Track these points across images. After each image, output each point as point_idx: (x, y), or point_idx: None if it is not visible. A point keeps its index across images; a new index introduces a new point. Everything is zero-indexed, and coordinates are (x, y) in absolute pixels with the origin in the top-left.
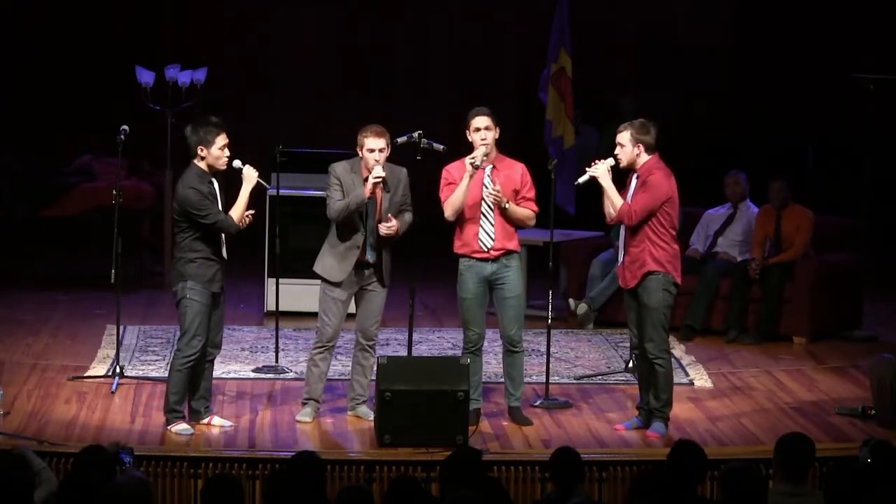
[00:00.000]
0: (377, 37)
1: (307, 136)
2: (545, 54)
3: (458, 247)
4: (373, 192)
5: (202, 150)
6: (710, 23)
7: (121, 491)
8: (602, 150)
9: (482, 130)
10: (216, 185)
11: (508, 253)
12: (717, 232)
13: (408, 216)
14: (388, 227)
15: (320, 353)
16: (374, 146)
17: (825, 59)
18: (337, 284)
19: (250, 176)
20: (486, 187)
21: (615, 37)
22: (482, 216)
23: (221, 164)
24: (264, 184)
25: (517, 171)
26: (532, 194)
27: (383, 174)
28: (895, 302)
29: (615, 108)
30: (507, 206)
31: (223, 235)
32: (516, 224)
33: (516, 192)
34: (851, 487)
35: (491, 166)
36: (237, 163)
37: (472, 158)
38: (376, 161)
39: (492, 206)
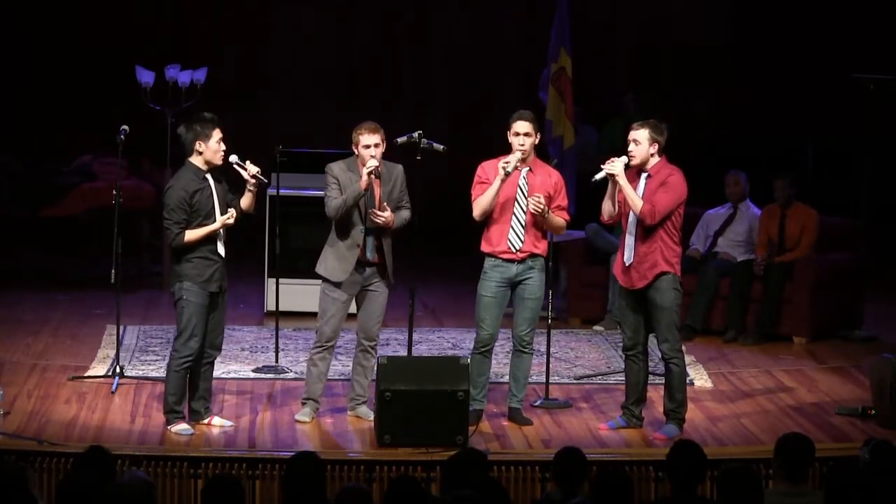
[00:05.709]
0: (377, 37)
1: (307, 136)
2: (545, 54)
3: (484, 246)
4: (369, 184)
5: (200, 144)
6: (709, 23)
7: (123, 491)
8: (602, 150)
9: (521, 136)
10: (212, 182)
11: (534, 255)
12: (718, 232)
13: (405, 213)
14: (381, 214)
15: (319, 353)
16: (369, 142)
17: (825, 59)
18: (337, 285)
19: (228, 222)
20: (521, 189)
21: (615, 37)
22: (513, 216)
23: (219, 158)
24: (223, 225)
25: (552, 178)
26: (565, 203)
27: (377, 164)
28: (895, 302)
29: (615, 108)
30: (546, 215)
31: (220, 232)
32: (550, 231)
33: (550, 199)
34: (851, 487)
35: (527, 169)
36: (254, 167)
37: (506, 163)
38: (372, 156)
39: (524, 208)
